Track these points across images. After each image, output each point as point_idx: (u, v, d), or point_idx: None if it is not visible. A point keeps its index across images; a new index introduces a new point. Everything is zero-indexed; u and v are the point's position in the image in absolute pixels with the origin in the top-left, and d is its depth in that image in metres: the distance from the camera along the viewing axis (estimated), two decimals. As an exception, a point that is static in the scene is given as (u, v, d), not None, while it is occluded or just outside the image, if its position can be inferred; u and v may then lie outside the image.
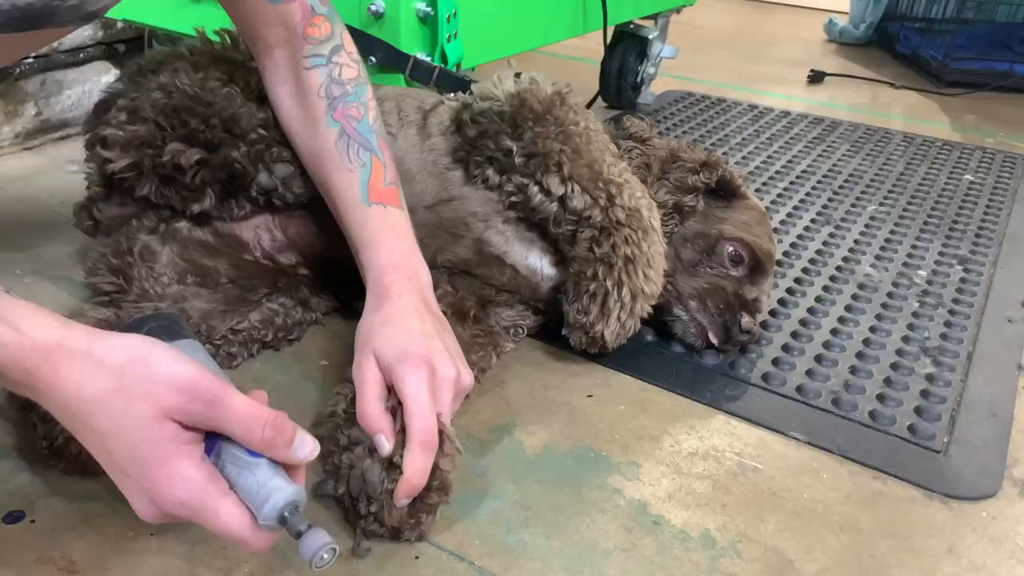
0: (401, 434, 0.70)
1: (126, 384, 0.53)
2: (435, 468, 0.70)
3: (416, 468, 0.68)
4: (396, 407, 0.72)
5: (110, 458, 0.54)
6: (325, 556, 0.56)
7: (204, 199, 0.89)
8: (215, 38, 0.99)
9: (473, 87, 0.98)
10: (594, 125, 0.98)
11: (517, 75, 0.97)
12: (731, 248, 0.99)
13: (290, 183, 0.91)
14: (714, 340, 0.98)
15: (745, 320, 0.96)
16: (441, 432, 0.71)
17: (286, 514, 0.56)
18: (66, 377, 0.53)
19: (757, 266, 0.99)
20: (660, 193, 1.01)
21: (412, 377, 0.71)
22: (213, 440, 0.57)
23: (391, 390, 0.73)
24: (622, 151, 1.03)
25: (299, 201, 0.93)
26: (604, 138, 1.00)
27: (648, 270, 0.90)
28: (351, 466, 0.71)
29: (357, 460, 0.71)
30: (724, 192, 1.06)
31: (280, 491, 0.56)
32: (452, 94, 1.08)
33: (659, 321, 1.02)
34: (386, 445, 0.69)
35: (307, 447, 0.58)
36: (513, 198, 0.94)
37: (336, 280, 1.02)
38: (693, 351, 1.01)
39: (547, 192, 0.91)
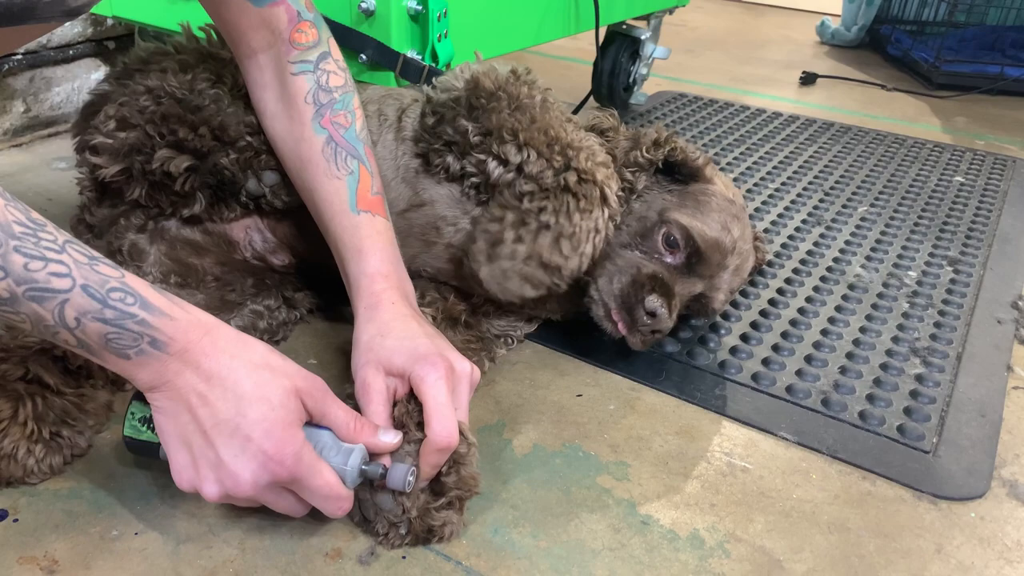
0: (418, 432, 0.71)
1: (271, 363, 0.65)
2: (454, 464, 0.71)
3: (431, 463, 0.70)
4: (406, 412, 0.72)
5: (241, 421, 0.61)
6: (411, 479, 0.68)
7: (194, 204, 0.90)
8: (201, 35, 0.98)
9: (435, 80, 0.96)
10: (552, 99, 0.95)
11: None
12: (665, 231, 0.90)
13: (279, 191, 0.90)
14: (618, 320, 0.88)
15: (650, 300, 0.85)
16: (459, 430, 0.71)
17: (363, 467, 0.67)
18: (223, 349, 0.63)
19: (696, 254, 0.89)
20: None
21: (432, 376, 0.71)
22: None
23: (397, 401, 0.74)
24: None
25: (288, 207, 0.93)
26: (564, 111, 0.96)
27: (565, 243, 0.83)
28: (361, 500, 0.71)
29: (366, 492, 0.70)
30: (684, 175, 0.99)
31: (353, 449, 0.67)
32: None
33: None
34: (394, 439, 0.70)
35: (391, 434, 0.70)
36: (473, 179, 0.90)
37: (324, 281, 1.01)
38: (686, 348, 1.01)
39: (505, 162, 0.88)
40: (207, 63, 0.93)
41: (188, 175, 0.87)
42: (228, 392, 0.62)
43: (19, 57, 1.53)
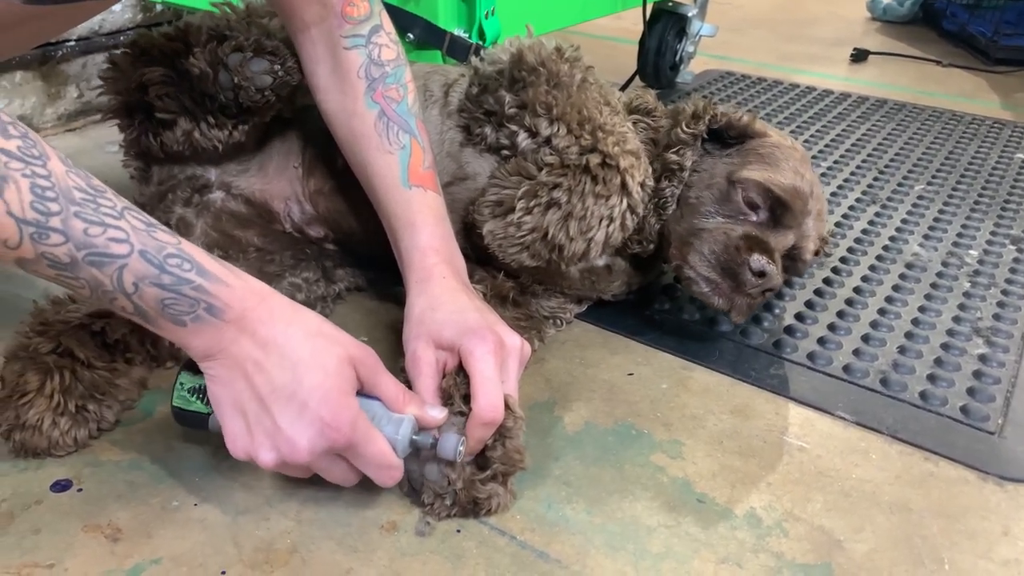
0: (464, 405, 0.71)
1: (325, 332, 0.65)
2: (500, 437, 0.71)
3: (476, 437, 0.70)
4: (453, 384, 0.72)
5: (298, 388, 0.62)
6: (461, 449, 0.67)
7: (179, 119, 0.90)
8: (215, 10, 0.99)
9: (483, 52, 0.95)
10: (593, 79, 0.93)
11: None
12: (742, 191, 0.88)
13: (243, 69, 0.86)
14: (724, 289, 0.85)
15: (755, 260, 0.82)
16: (506, 403, 0.71)
17: (414, 436, 0.67)
18: (279, 316, 0.63)
19: (780, 205, 0.87)
20: (655, 164, 0.93)
21: (480, 350, 0.71)
22: None
23: (446, 372, 0.74)
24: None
25: (265, 93, 0.87)
26: (604, 92, 0.93)
27: (573, 224, 0.82)
28: (408, 471, 0.71)
29: (414, 463, 0.71)
30: (735, 137, 0.95)
31: (404, 419, 0.67)
32: None
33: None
34: (440, 415, 0.70)
35: (437, 409, 0.70)
36: (505, 151, 0.90)
37: (363, 256, 1.02)
38: (731, 324, 0.99)
39: (534, 135, 0.87)
40: (216, 21, 0.94)
41: (162, 86, 0.88)
42: (285, 359, 0.62)
43: (72, 44, 1.56)
